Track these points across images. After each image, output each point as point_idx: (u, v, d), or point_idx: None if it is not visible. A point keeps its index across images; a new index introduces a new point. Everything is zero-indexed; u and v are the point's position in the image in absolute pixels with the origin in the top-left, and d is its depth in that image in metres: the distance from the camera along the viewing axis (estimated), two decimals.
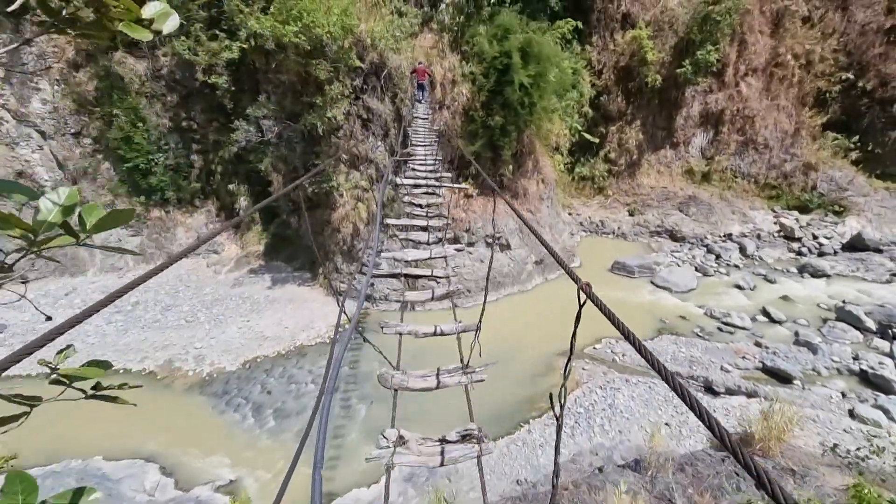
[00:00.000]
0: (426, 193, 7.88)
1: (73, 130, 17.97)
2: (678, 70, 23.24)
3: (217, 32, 16.88)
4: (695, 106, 25.10)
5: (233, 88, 17.59)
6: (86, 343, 13.72)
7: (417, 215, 7.41)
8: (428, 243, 6.33)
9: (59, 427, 10.46)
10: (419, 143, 11.49)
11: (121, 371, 12.68)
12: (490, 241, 17.39)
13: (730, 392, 11.21)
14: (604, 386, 11.42)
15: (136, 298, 16.21)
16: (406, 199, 7.82)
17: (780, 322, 14.84)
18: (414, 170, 9.17)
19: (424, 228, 6.78)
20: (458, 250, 5.69)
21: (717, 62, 23.00)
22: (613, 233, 23.28)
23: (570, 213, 24.35)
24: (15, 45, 1.47)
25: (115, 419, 10.82)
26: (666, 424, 9.63)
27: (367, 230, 16.22)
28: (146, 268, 19.42)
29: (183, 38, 16.96)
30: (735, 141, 25.10)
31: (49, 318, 1.98)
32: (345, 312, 4.21)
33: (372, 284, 16.16)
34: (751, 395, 10.92)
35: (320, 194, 16.59)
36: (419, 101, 15.86)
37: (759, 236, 21.79)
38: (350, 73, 15.19)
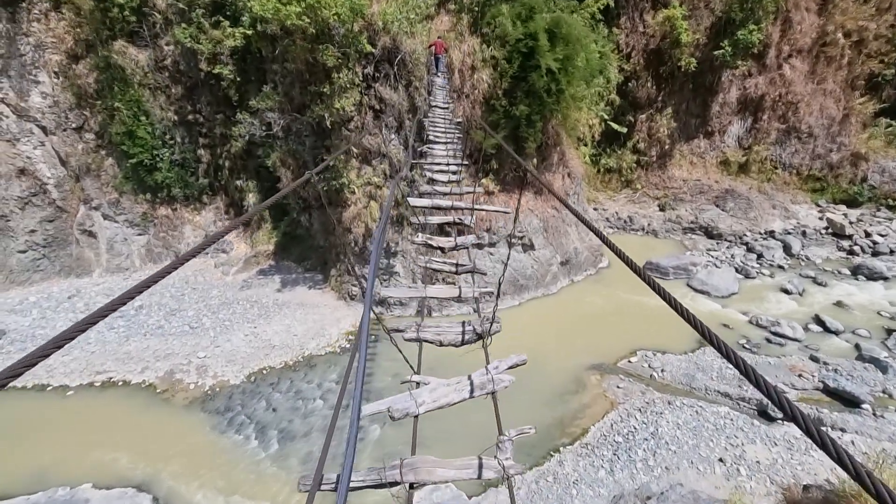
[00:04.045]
0: (453, 224, 5.96)
1: (74, 125, 17.22)
2: (715, 52, 21.43)
3: (220, 19, 15.84)
4: (732, 91, 23.24)
5: (238, 79, 16.58)
6: (85, 351, 13.02)
7: (441, 271, 4.80)
8: (464, 341, 3.55)
9: (48, 447, 9.75)
10: (438, 139, 9.81)
11: (119, 383, 11.94)
12: (511, 240, 16.16)
13: (789, 418, 9.86)
14: (643, 409, 10.20)
15: (140, 302, 15.48)
16: (419, 237, 5.25)
17: (836, 332, 13.34)
18: (432, 180, 7.14)
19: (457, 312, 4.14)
20: (518, 366, 3.14)
21: (758, 43, 21.11)
22: (643, 229, 21.78)
23: (595, 209, 22.90)
24: None
25: (109, 439, 10.07)
26: (720, 461, 8.39)
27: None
28: (154, 268, 18.72)
29: (184, 25, 15.95)
30: (776, 129, 23.21)
31: None
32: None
33: (386, 287, 15.11)
34: (814, 423, 9.55)
35: (330, 191, 15.53)
36: (436, 75, 14.69)
37: (804, 233, 20.06)
38: (360, 60, 13.99)
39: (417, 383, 3.00)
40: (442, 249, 5.36)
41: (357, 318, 14.83)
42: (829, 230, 20.11)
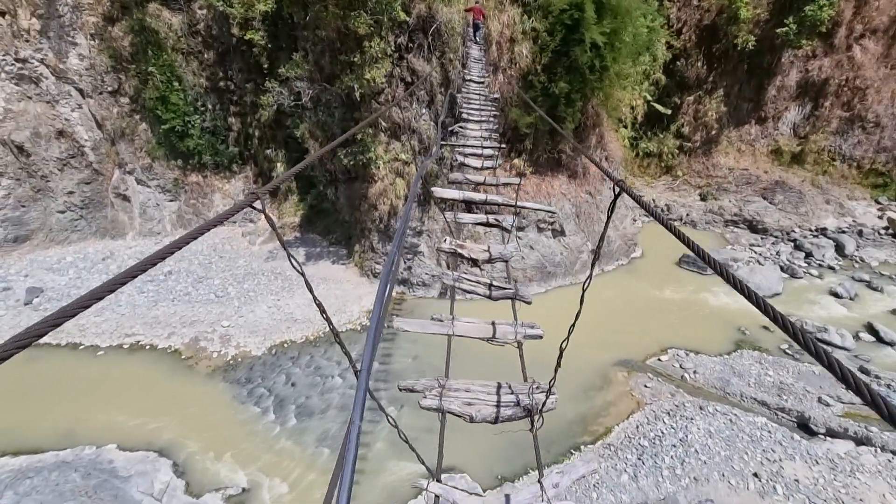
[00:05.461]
0: (487, 225, 4.85)
1: (109, 89, 17.31)
2: (777, 30, 19.68)
3: None
4: (792, 74, 21.43)
5: (269, 46, 16.19)
6: (116, 313, 13.35)
7: (474, 293, 3.70)
8: (503, 417, 2.67)
9: (77, 405, 10.06)
10: (471, 117, 9.09)
11: (147, 347, 12.19)
12: (542, 225, 15.54)
13: (832, 434, 9.19)
14: (672, 412, 9.68)
15: (169, 268, 15.74)
16: (447, 243, 4.16)
17: (891, 343, 12.33)
18: (463, 165, 6.14)
19: None
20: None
21: (828, 20, 19.21)
22: (681, 219, 20.67)
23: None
24: None
25: (136, 401, 10.31)
26: (755, 476, 7.86)
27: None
28: (183, 234, 18.99)
29: None
30: (838, 117, 21.35)
31: None
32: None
33: (409, 268, 14.87)
34: (861, 441, 8.87)
35: (357, 166, 15.20)
36: (472, 45, 13.97)
37: (860, 233, 18.57)
38: (393, 29, 13.36)
39: (437, 497, 2.11)
40: (475, 262, 4.38)
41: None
42: (890, 230, 18.54)
